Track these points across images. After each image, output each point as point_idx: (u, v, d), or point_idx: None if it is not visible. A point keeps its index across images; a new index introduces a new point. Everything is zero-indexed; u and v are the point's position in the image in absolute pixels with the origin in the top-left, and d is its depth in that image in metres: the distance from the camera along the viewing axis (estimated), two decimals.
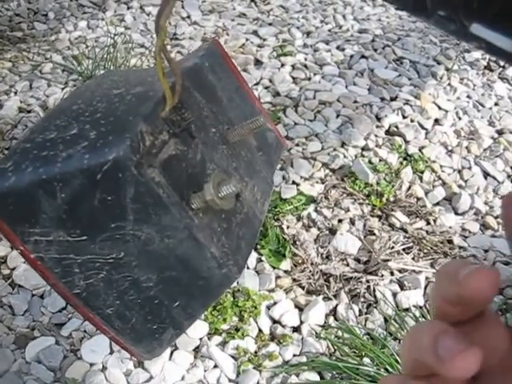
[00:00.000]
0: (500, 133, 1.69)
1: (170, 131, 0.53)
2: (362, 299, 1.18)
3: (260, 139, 0.68)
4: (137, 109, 0.52)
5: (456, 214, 1.41)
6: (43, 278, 0.58)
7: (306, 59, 1.87)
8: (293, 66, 1.83)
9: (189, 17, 2.07)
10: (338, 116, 1.64)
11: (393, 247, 1.28)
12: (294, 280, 1.20)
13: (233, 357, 1.06)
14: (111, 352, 1.05)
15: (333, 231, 1.30)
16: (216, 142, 0.58)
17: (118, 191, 0.48)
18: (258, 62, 1.84)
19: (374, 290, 1.19)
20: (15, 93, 1.68)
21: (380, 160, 1.51)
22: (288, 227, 1.30)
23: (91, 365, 1.03)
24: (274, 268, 1.22)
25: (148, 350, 0.61)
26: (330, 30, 2.07)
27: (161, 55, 0.51)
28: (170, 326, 0.57)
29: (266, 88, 1.73)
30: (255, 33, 1.99)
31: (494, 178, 1.53)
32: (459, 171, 1.53)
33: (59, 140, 0.52)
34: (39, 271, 0.56)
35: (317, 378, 1.04)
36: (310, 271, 1.22)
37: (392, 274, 1.23)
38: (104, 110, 0.54)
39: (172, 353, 1.05)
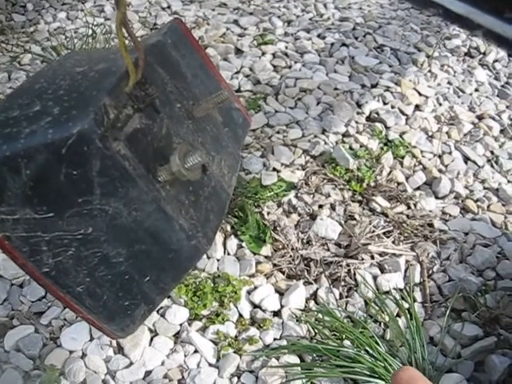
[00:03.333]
0: (480, 118, 1.70)
1: (135, 106, 0.53)
2: (343, 283, 1.18)
3: (225, 116, 0.68)
4: (100, 84, 0.52)
5: (436, 197, 1.42)
6: (11, 259, 0.57)
7: (286, 47, 1.87)
8: (273, 55, 1.83)
9: (169, 7, 2.06)
10: (318, 103, 1.64)
11: (373, 231, 1.28)
12: (275, 265, 1.20)
13: (213, 341, 1.06)
14: (91, 339, 1.05)
15: (313, 217, 1.31)
16: (181, 117, 0.58)
17: (84, 165, 0.48)
18: (239, 51, 1.84)
19: (355, 274, 1.19)
20: None
21: (361, 146, 1.51)
22: (268, 213, 1.31)
23: (71, 352, 1.03)
24: (255, 254, 1.22)
25: (121, 328, 0.61)
26: (310, 19, 2.07)
27: (122, 30, 0.51)
28: (142, 301, 0.57)
29: (247, 76, 1.73)
30: (236, 22, 1.99)
31: (474, 163, 1.54)
32: (439, 156, 1.54)
33: (22, 117, 0.52)
34: (7, 251, 0.56)
35: (297, 360, 1.04)
36: (291, 256, 1.22)
37: (372, 257, 1.24)
38: (67, 87, 0.54)
39: (152, 338, 1.05)
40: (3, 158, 0.50)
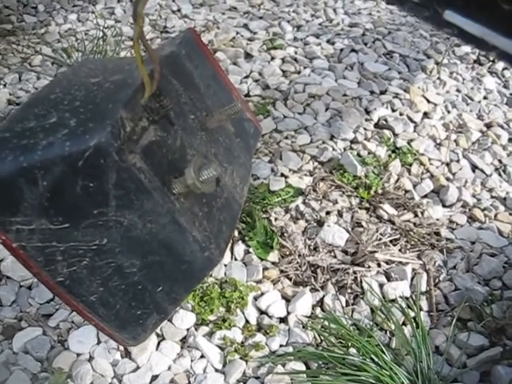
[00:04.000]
0: (488, 126, 1.70)
1: (150, 118, 0.53)
2: (349, 290, 1.18)
3: (237, 126, 0.68)
4: (116, 96, 0.53)
5: (444, 206, 1.42)
6: (26, 268, 0.58)
7: (296, 53, 1.88)
8: (283, 60, 1.84)
9: (179, 10, 2.07)
10: (327, 109, 1.65)
11: (380, 239, 1.28)
12: (282, 271, 1.21)
13: (219, 347, 1.07)
14: (98, 342, 1.05)
15: (320, 223, 1.31)
16: (195, 129, 0.59)
17: (100, 177, 0.49)
18: (248, 56, 1.85)
19: (361, 282, 1.20)
20: (4, 85, 1.68)
21: (369, 153, 1.51)
22: (276, 219, 1.31)
23: (78, 355, 1.04)
24: (262, 259, 1.22)
25: (133, 336, 0.61)
26: (320, 24, 2.07)
27: (139, 42, 0.52)
28: (154, 311, 0.58)
29: (256, 81, 1.73)
30: (245, 26, 1.99)
31: (482, 171, 1.54)
32: (447, 164, 1.54)
33: (39, 128, 0.52)
34: (22, 260, 0.57)
35: (303, 367, 1.04)
36: (298, 263, 1.22)
37: (379, 265, 1.24)
38: (83, 98, 0.55)
39: (159, 343, 1.06)
40: (20, 170, 0.51)
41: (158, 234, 0.52)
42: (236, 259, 1.22)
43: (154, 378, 1.02)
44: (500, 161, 1.59)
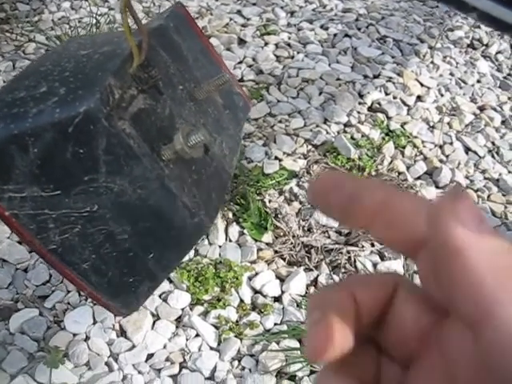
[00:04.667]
0: (482, 109, 1.71)
1: (139, 87, 0.54)
2: (343, 270, 1.19)
3: (226, 98, 0.69)
4: (105, 65, 0.53)
5: (437, 187, 1.43)
6: (19, 236, 0.59)
7: (289, 38, 1.88)
8: (276, 45, 1.84)
9: None
10: (320, 93, 1.65)
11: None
12: (276, 252, 1.22)
13: (214, 326, 1.08)
14: (94, 322, 1.06)
15: None
16: (184, 99, 0.60)
17: (90, 143, 0.50)
18: (242, 41, 1.85)
19: (355, 261, 1.21)
20: None
21: (362, 136, 1.52)
22: (270, 201, 1.32)
23: (74, 335, 1.05)
24: (256, 240, 1.23)
25: (125, 305, 0.62)
26: (313, 10, 2.07)
27: (126, 12, 0.52)
28: (146, 278, 0.59)
29: (250, 66, 1.74)
30: (239, 12, 1.99)
31: (475, 153, 1.55)
32: (440, 146, 1.55)
33: (29, 98, 0.53)
34: (14, 229, 0.57)
35: (297, 345, 1.05)
36: (292, 243, 1.23)
37: (373, 245, 1.25)
38: (72, 69, 0.55)
39: (154, 322, 1.07)
40: (11, 137, 0.51)
41: (147, 200, 0.53)
42: (230, 240, 1.23)
43: (150, 356, 1.03)
44: (493, 143, 1.60)
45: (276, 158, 1.44)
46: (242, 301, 1.12)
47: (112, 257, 0.56)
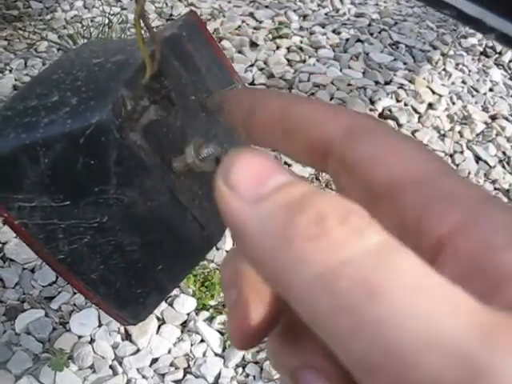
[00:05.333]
0: (493, 118, 1.69)
1: (151, 98, 0.54)
2: None
3: None
4: (117, 75, 0.53)
5: None
6: (27, 245, 0.58)
7: (301, 42, 1.88)
8: (288, 49, 1.83)
9: None
10: (331, 99, 1.65)
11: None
12: None
13: (219, 332, 1.07)
14: (100, 325, 1.06)
15: None
16: (196, 109, 0.59)
17: (101, 155, 0.49)
18: (254, 44, 1.84)
19: None
20: (10, 71, 1.68)
21: None
22: None
23: (79, 337, 1.05)
24: None
25: (133, 315, 0.62)
26: (326, 14, 2.07)
27: (140, 22, 0.52)
28: (155, 289, 0.58)
29: (261, 70, 1.73)
30: (251, 15, 1.99)
31: (486, 163, 1.54)
32: (451, 155, 1.54)
33: (40, 107, 0.53)
34: (23, 238, 0.57)
35: None
36: None
37: None
38: (84, 78, 0.55)
39: (159, 327, 1.07)
40: (22, 147, 0.51)
41: (158, 212, 0.53)
42: None
43: (154, 360, 1.03)
44: (504, 153, 1.58)
45: (285, 163, 1.43)
46: None
47: (121, 268, 0.56)
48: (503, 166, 1.55)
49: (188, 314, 1.09)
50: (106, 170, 0.53)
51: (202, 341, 1.06)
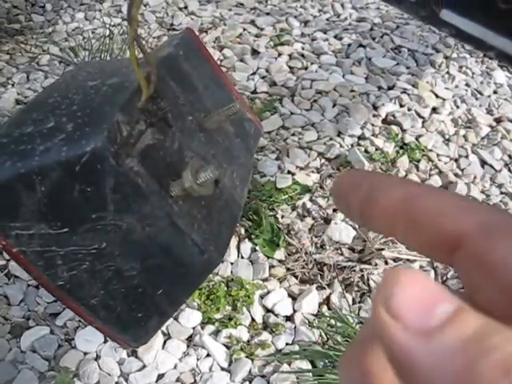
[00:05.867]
0: (498, 121, 1.68)
1: (147, 121, 0.53)
2: (356, 288, 1.18)
3: (237, 126, 0.68)
4: (113, 99, 0.53)
5: None
6: (27, 272, 0.58)
7: (303, 48, 1.87)
8: (290, 56, 1.83)
9: (186, 7, 2.07)
10: (334, 105, 1.64)
11: (387, 236, 1.28)
12: (288, 269, 1.21)
13: (225, 345, 1.07)
14: (105, 341, 1.06)
15: (327, 221, 1.31)
16: (193, 130, 0.59)
17: (97, 182, 0.49)
18: (255, 52, 1.84)
19: (368, 279, 1.19)
20: (12, 85, 1.69)
21: (376, 149, 1.51)
22: (282, 217, 1.31)
23: (85, 354, 1.04)
24: (268, 257, 1.22)
25: (135, 338, 0.61)
26: (327, 19, 2.06)
27: (134, 45, 0.51)
28: (155, 313, 0.58)
29: (263, 78, 1.73)
30: (252, 22, 1.99)
31: (491, 167, 1.53)
32: (456, 160, 1.53)
33: (36, 134, 0.52)
34: (22, 265, 0.57)
35: (309, 366, 1.04)
36: (304, 260, 1.22)
37: (386, 263, 1.23)
38: (80, 102, 0.55)
39: (165, 342, 1.06)
40: (18, 175, 0.51)
41: (156, 238, 0.52)
42: (242, 257, 1.22)
43: (160, 376, 1.02)
44: (510, 156, 1.57)
45: (289, 172, 1.43)
46: (253, 320, 1.12)
47: (120, 293, 0.56)
48: (509, 170, 1.53)
49: (193, 328, 1.09)
50: (103, 197, 0.52)
51: (208, 355, 1.05)
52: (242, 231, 1.26)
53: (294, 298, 1.16)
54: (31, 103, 0.62)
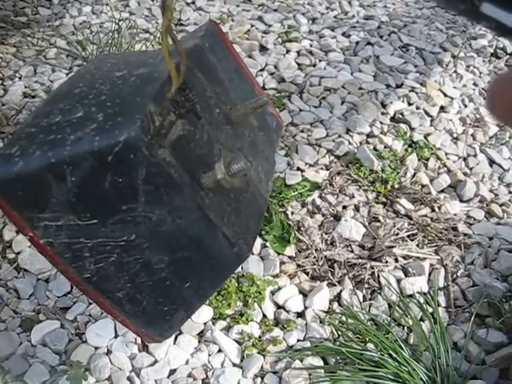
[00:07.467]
0: None
1: (177, 112, 0.53)
2: (366, 285, 1.18)
3: (260, 120, 0.68)
4: (143, 90, 0.52)
5: (461, 201, 1.41)
6: (53, 264, 0.57)
7: (311, 45, 1.87)
8: (298, 53, 1.82)
9: (193, 2, 2.06)
10: (343, 103, 1.64)
11: (397, 234, 1.28)
12: (299, 266, 1.20)
13: (237, 341, 1.06)
14: (116, 336, 1.05)
15: (337, 217, 1.30)
16: (220, 122, 0.58)
17: (129, 173, 0.48)
18: (263, 48, 1.83)
19: (379, 277, 1.19)
20: (20, 78, 1.68)
21: (385, 147, 1.50)
22: (292, 213, 1.30)
23: (96, 348, 1.04)
24: (279, 254, 1.22)
25: (159, 332, 0.61)
26: (335, 17, 2.06)
27: (167, 35, 0.51)
28: (181, 307, 0.57)
29: (271, 74, 1.72)
30: (260, 19, 1.98)
31: (500, 166, 1.53)
32: (464, 159, 1.53)
33: (65, 123, 0.52)
34: (49, 257, 0.56)
35: (321, 362, 1.04)
36: (315, 257, 1.22)
37: (396, 260, 1.23)
38: (108, 93, 0.54)
39: (176, 337, 1.06)
40: (49, 165, 0.50)
41: (186, 230, 0.52)
42: (253, 253, 1.22)
43: (172, 372, 1.02)
44: None
45: (298, 168, 1.42)
46: (264, 316, 1.11)
47: (147, 286, 0.55)
48: None
49: (205, 324, 1.08)
50: (135, 188, 0.52)
51: (220, 351, 1.05)
52: None
53: (304, 294, 1.15)
54: (55, 94, 0.61)
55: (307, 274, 1.20)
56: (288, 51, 1.82)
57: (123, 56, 0.75)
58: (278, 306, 1.13)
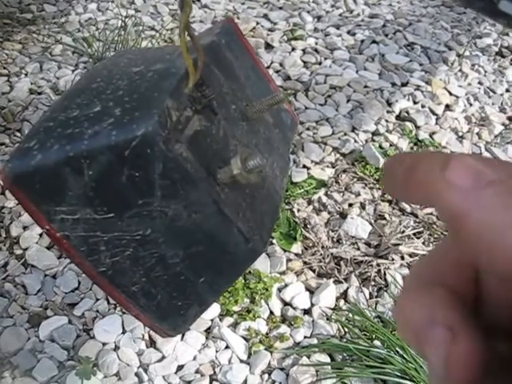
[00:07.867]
0: (511, 119, 1.68)
1: (193, 108, 0.53)
2: (373, 283, 1.18)
3: (275, 116, 0.68)
4: (160, 85, 0.52)
5: None
6: (69, 257, 0.58)
7: (316, 43, 1.87)
8: (303, 51, 1.82)
9: (199, 0, 2.06)
10: (348, 101, 1.64)
11: (403, 232, 1.28)
12: (305, 263, 1.21)
13: (244, 338, 1.07)
14: (124, 332, 1.06)
15: (343, 215, 1.31)
16: (236, 119, 0.58)
17: (146, 167, 0.48)
18: (269, 46, 1.84)
19: (385, 274, 1.19)
20: (26, 74, 1.68)
21: (390, 145, 1.51)
22: (299, 210, 1.31)
23: (104, 344, 1.04)
24: (285, 251, 1.22)
25: (173, 327, 0.61)
26: (340, 15, 2.06)
27: (185, 32, 0.51)
28: (196, 302, 0.58)
29: (277, 72, 1.72)
30: (266, 16, 1.98)
31: None
32: None
33: (83, 118, 0.52)
34: (65, 250, 0.56)
35: (327, 359, 1.04)
36: (321, 254, 1.22)
37: (402, 258, 1.23)
38: (126, 88, 0.54)
39: (184, 333, 1.06)
40: (66, 159, 0.50)
41: (202, 225, 0.52)
42: None
43: (180, 367, 1.02)
44: None
45: (304, 166, 1.42)
46: (271, 313, 1.11)
47: (162, 280, 0.56)
48: None
49: (212, 320, 1.09)
50: (151, 183, 0.52)
51: (227, 347, 1.05)
52: None
53: (311, 291, 1.16)
54: (72, 89, 0.61)
55: (314, 271, 1.20)
56: (293, 49, 1.82)
57: (140, 52, 0.76)
58: (285, 303, 1.14)
